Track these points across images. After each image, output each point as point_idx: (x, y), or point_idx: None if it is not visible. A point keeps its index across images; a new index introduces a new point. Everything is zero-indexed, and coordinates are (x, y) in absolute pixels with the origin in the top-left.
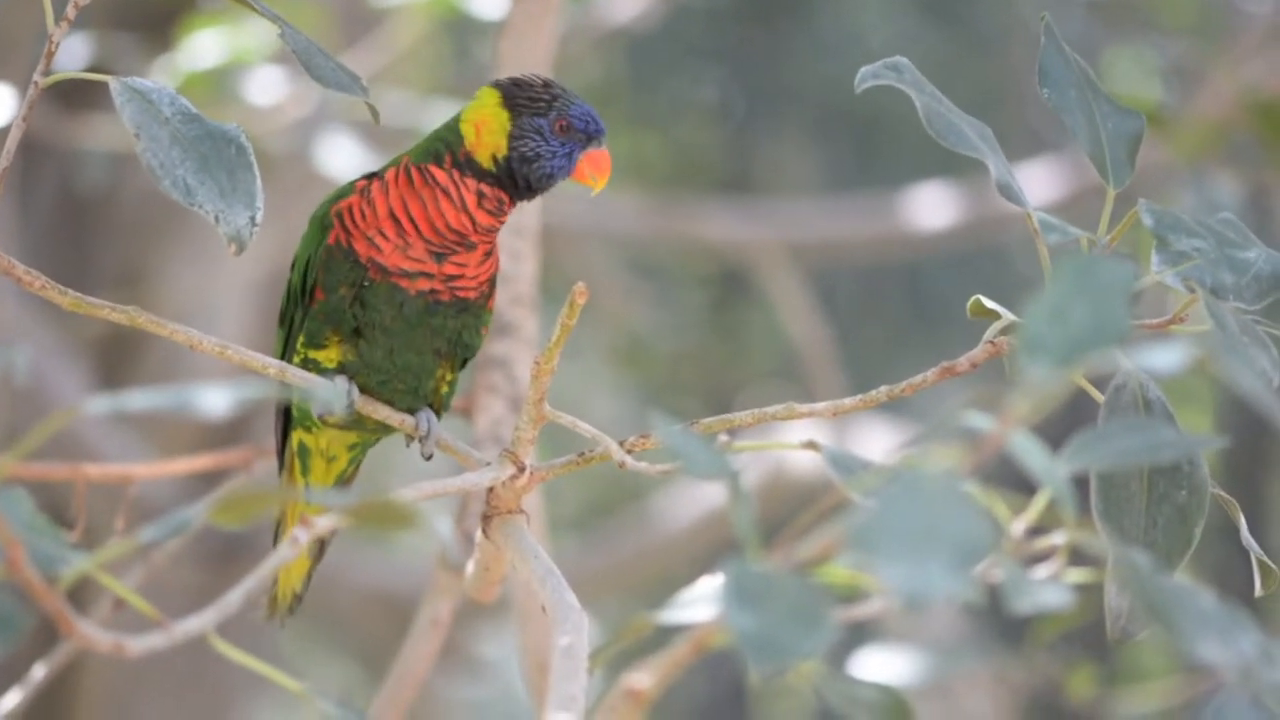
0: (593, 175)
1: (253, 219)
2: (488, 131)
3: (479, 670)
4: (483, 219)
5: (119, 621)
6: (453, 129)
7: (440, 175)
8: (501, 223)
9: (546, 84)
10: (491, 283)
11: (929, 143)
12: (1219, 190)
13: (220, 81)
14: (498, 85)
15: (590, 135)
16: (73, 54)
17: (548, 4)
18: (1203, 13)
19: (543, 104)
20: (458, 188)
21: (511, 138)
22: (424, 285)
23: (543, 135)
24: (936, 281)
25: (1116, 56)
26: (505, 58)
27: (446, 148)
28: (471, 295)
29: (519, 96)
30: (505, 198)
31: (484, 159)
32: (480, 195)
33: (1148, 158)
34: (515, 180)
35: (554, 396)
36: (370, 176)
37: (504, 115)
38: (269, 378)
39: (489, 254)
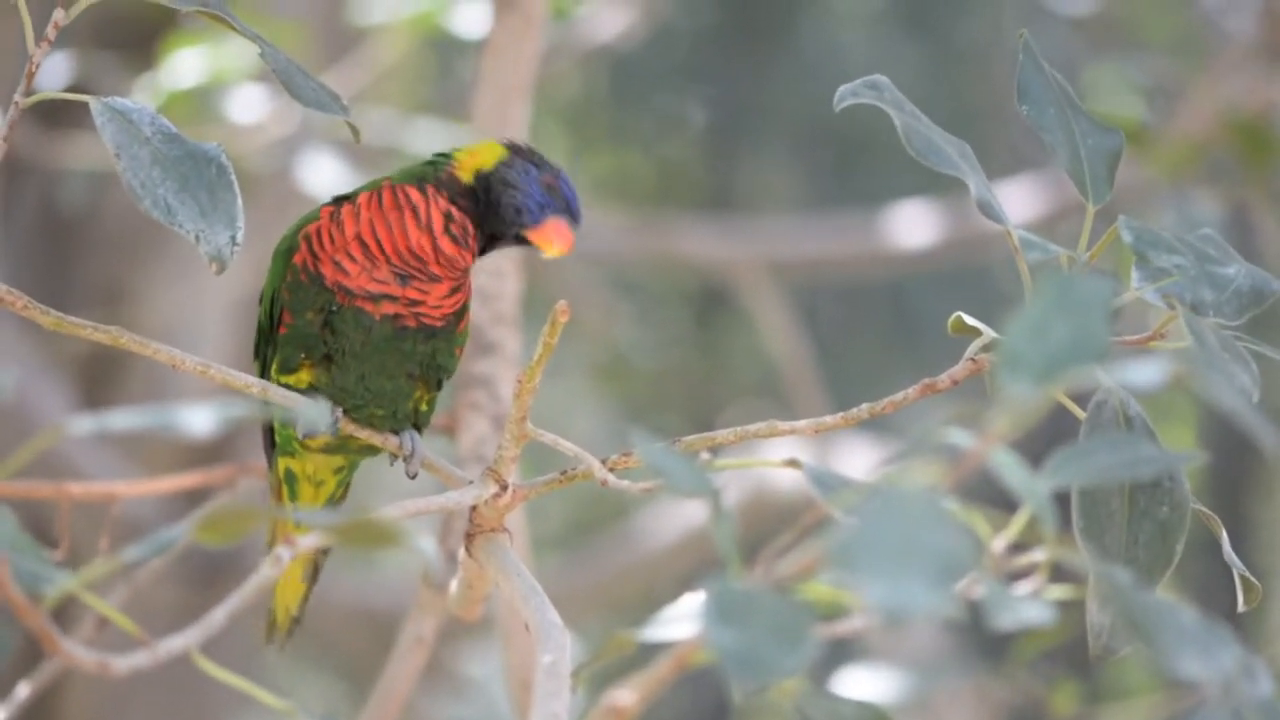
0: (553, 239)
1: (233, 238)
2: (482, 154)
3: (463, 688)
4: (446, 245)
5: (103, 640)
6: (444, 154)
7: (415, 195)
8: (465, 261)
9: (544, 156)
10: (459, 314)
11: (911, 161)
12: (1199, 208)
13: (202, 100)
14: (505, 141)
15: (569, 206)
16: (54, 73)
17: (530, 22)
18: (1183, 31)
19: (538, 159)
20: (427, 206)
21: (501, 162)
22: (389, 309)
23: (529, 175)
24: (919, 299)
25: (1098, 74)
26: (487, 75)
27: (433, 172)
28: (437, 324)
29: (520, 147)
30: (471, 228)
31: (466, 174)
32: (448, 218)
33: (1129, 176)
34: (488, 201)
35: (536, 415)
36: (339, 200)
37: (501, 149)
38: (252, 397)
39: (456, 289)
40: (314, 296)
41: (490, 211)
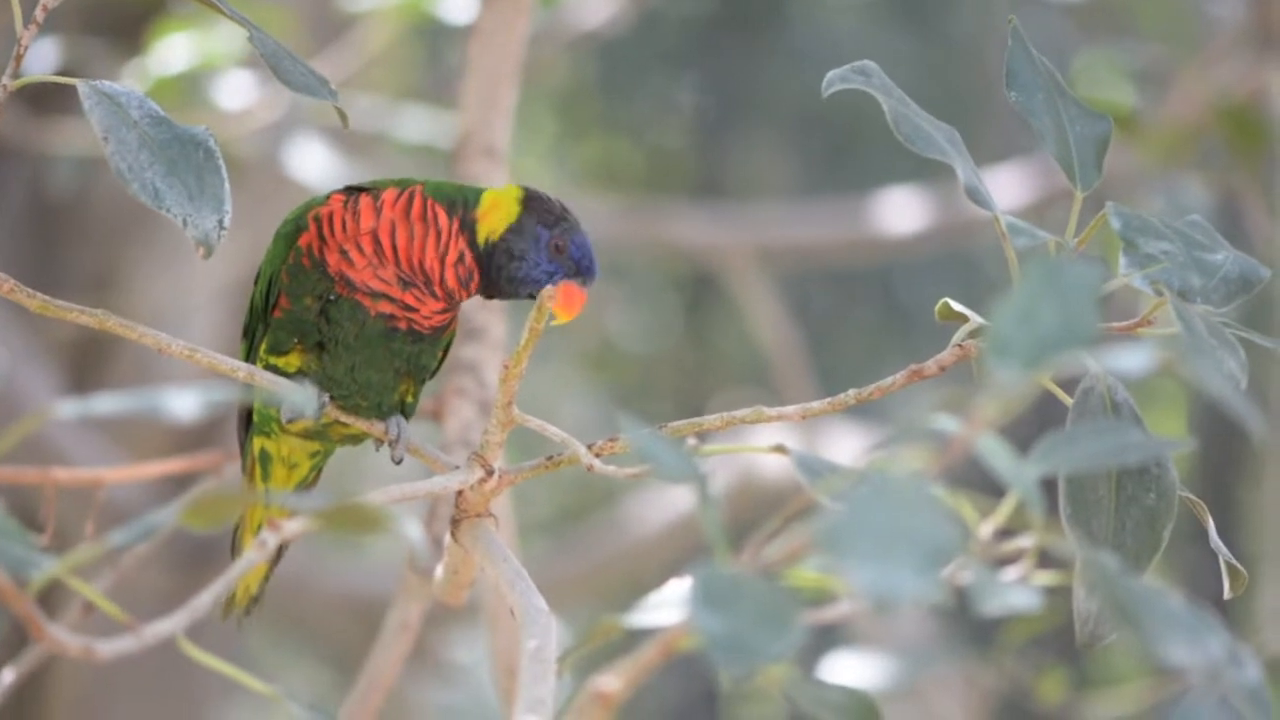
0: (561, 305)
1: (220, 222)
2: (496, 214)
3: (451, 675)
4: (451, 279)
5: (89, 626)
6: (475, 192)
7: (443, 219)
8: (462, 297)
9: (564, 208)
10: (445, 327)
11: (902, 148)
12: (1188, 194)
13: (190, 86)
14: (525, 187)
15: (579, 269)
16: (42, 58)
17: (518, 7)
18: (1174, 17)
19: (551, 218)
20: (450, 239)
21: (509, 230)
22: (385, 308)
23: (537, 243)
24: (910, 286)
25: (1089, 61)
26: (475, 61)
27: (463, 203)
28: (425, 331)
29: (534, 202)
30: (476, 275)
31: (481, 234)
32: (461, 257)
33: (1119, 163)
34: (491, 269)
35: (526, 401)
36: (351, 190)
37: (515, 209)
38: (238, 381)
39: (445, 310)
40: (314, 282)
41: (494, 275)
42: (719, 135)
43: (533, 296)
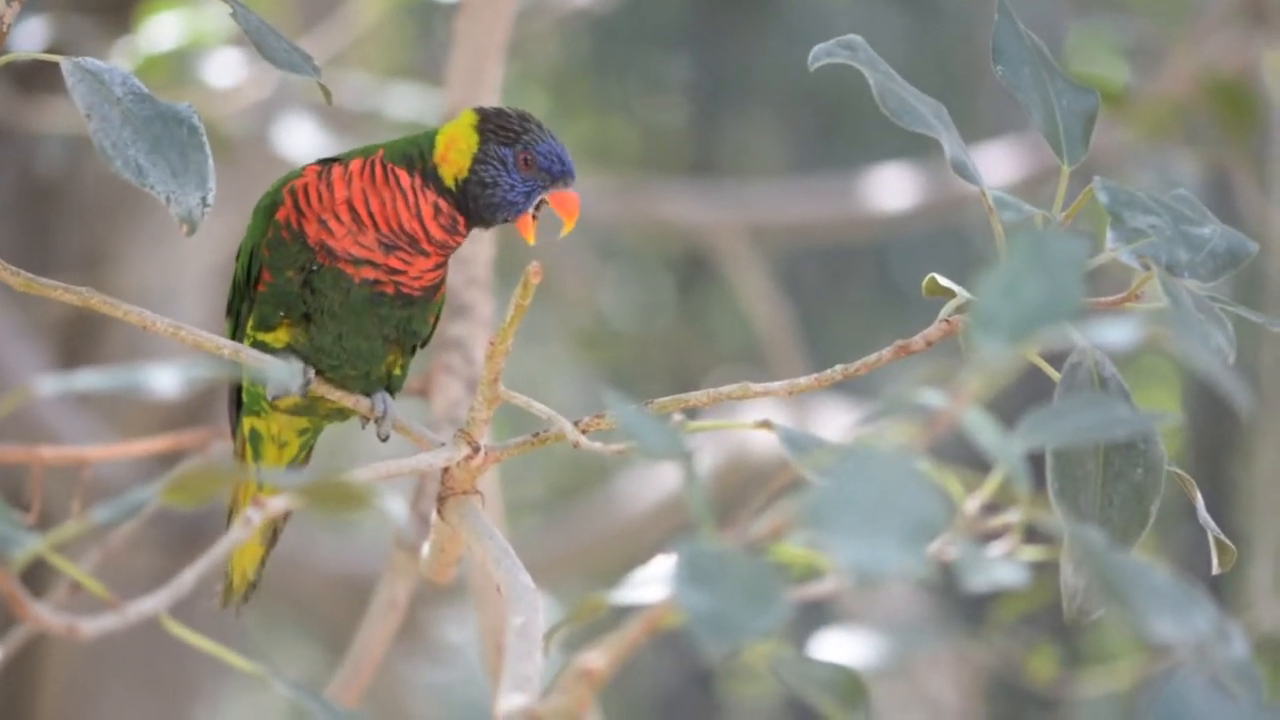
0: (562, 215)
1: (204, 199)
2: (455, 150)
3: (442, 654)
4: (436, 233)
5: (78, 606)
6: (429, 137)
7: (404, 180)
8: (456, 242)
9: (523, 117)
10: (435, 287)
11: (895, 125)
12: (1179, 170)
13: (179, 64)
14: (477, 110)
15: (554, 175)
16: (30, 37)
17: None
18: None
19: (511, 135)
20: (416, 196)
21: (475, 161)
22: (369, 274)
23: (505, 165)
24: (904, 263)
25: (1082, 37)
26: (461, 38)
27: (419, 155)
28: (415, 294)
29: (491, 123)
30: (460, 217)
31: (447, 176)
32: (436, 209)
33: (1110, 139)
34: (469, 204)
35: (518, 381)
36: (325, 162)
37: (474, 138)
38: (223, 359)
39: (439, 266)
40: (295, 255)
41: (473, 209)
42: (712, 113)
43: (508, 220)
